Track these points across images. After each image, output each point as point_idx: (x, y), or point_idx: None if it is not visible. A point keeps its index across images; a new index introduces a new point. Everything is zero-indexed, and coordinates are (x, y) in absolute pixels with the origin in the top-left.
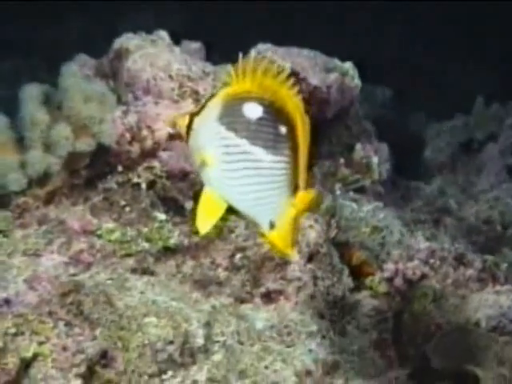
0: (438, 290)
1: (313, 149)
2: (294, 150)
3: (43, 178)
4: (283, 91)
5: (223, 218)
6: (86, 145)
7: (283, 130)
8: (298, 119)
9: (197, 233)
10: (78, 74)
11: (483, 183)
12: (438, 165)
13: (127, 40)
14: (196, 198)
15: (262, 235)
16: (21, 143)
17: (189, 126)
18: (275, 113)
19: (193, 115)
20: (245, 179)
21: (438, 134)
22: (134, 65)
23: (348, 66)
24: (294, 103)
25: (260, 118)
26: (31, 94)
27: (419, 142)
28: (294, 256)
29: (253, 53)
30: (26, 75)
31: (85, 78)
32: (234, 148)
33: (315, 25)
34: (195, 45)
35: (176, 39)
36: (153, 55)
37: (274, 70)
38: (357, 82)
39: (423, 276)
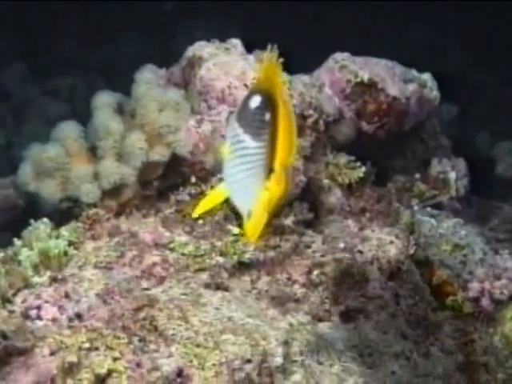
0: None
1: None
2: (274, 135)
3: (116, 190)
4: (275, 79)
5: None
6: (160, 155)
7: (267, 116)
8: (280, 105)
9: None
10: (152, 81)
11: None
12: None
13: (200, 48)
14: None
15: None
16: (94, 151)
17: None
18: (268, 101)
19: None
20: (236, 167)
21: (509, 152)
22: (208, 73)
23: (426, 77)
24: (279, 90)
25: (256, 108)
26: (104, 102)
27: (489, 159)
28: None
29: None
30: (83, 91)
31: (159, 85)
32: (234, 138)
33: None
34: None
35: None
36: (227, 63)
37: (273, 61)
38: (436, 93)
39: None
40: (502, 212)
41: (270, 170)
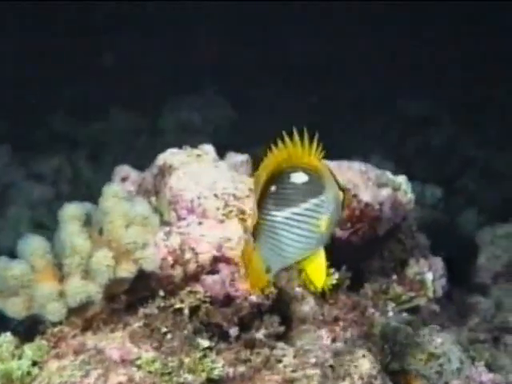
0: None
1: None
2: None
3: (82, 307)
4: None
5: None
6: (127, 271)
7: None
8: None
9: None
10: (119, 193)
11: None
12: (494, 274)
13: (171, 156)
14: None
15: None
16: (60, 267)
17: None
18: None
19: None
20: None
21: (492, 241)
22: (178, 183)
23: (401, 179)
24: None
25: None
26: (71, 214)
27: (472, 246)
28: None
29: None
30: (68, 173)
31: (126, 197)
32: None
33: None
34: (241, 157)
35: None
36: (197, 173)
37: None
38: (410, 196)
39: None
40: (482, 308)
41: None
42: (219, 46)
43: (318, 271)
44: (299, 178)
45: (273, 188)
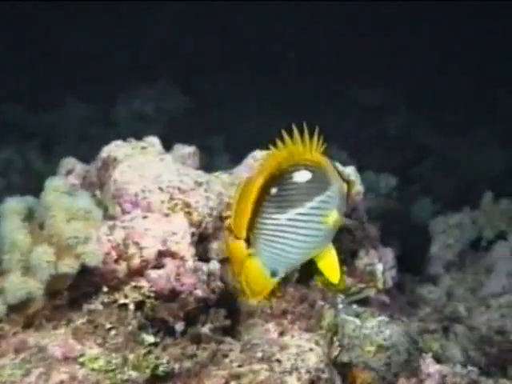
0: None
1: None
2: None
3: (23, 303)
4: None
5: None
6: (69, 267)
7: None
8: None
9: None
10: (61, 188)
11: (494, 285)
12: (446, 263)
13: (115, 148)
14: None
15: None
16: None
17: None
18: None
19: None
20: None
21: (445, 230)
22: (122, 176)
23: (349, 170)
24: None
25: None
26: (13, 209)
27: (425, 236)
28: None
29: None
30: (19, 165)
31: (69, 192)
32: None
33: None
34: (189, 149)
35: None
36: (142, 165)
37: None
38: (359, 188)
39: None
40: (433, 298)
41: None
42: (173, 35)
43: (332, 267)
44: (302, 176)
45: (273, 190)
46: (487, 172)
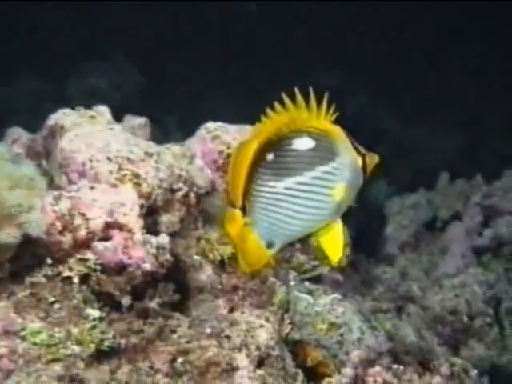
0: None
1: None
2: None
3: None
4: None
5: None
6: (10, 236)
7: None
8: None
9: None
10: (4, 155)
11: (448, 265)
12: (401, 243)
13: (63, 116)
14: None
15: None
16: None
17: None
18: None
19: None
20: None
21: (400, 211)
22: (69, 144)
23: None
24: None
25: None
26: None
27: (381, 217)
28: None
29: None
30: None
31: (12, 159)
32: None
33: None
34: (140, 120)
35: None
36: (90, 134)
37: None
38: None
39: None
40: (387, 278)
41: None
42: (129, 11)
43: (334, 244)
44: (303, 143)
45: (270, 156)
46: (443, 155)
